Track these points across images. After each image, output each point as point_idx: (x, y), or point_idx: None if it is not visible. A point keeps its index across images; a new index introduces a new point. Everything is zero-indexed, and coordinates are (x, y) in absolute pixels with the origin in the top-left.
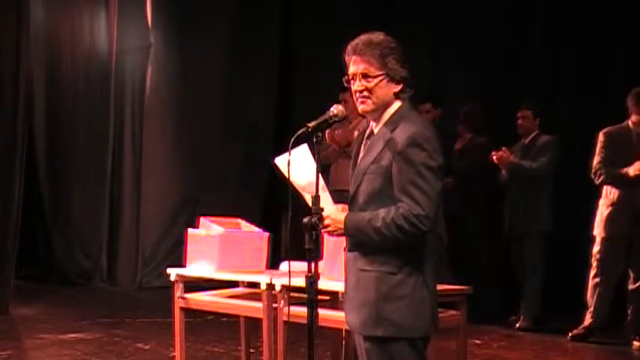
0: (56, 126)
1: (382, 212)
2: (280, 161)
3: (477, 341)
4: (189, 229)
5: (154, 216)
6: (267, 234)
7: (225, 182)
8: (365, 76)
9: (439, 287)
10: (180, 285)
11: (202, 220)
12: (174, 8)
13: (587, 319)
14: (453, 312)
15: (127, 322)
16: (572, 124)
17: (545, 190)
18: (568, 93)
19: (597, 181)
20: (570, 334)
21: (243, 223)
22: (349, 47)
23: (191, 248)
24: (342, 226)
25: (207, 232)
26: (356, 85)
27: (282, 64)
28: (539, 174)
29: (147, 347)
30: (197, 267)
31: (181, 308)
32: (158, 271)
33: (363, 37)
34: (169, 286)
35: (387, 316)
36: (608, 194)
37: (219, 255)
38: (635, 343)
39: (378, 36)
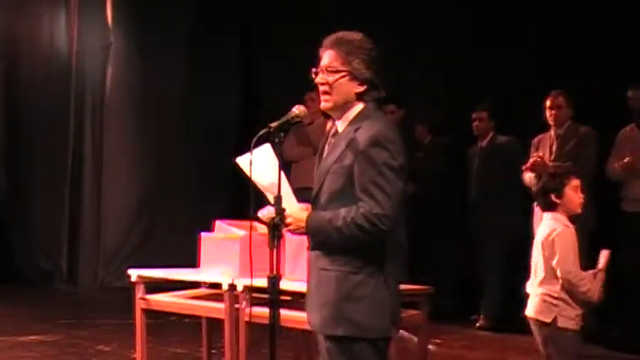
0: (15, 126)
1: (343, 211)
2: (242, 161)
3: (438, 341)
4: (203, 233)
5: (114, 216)
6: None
7: (188, 182)
8: (328, 70)
9: (401, 287)
10: (142, 286)
11: (218, 223)
12: (134, 7)
13: None
14: (414, 312)
15: (88, 323)
16: (530, 125)
17: (511, 191)
18: (529, 93)
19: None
20: None
21: (258, 225)
22: (324, 41)
23: (205, 252)
24: (303, 224)
25: (225, 235)
26: (318, 77)
27: (245, 63)
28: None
29: (108, 349)
30: (215, 271)
31: (143, 309)
32: (119, 272)
33: (339, 33)
34: (131, 287)
35: (348, 315)
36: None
37: (240, 258)
38: None
39: (353, 35)
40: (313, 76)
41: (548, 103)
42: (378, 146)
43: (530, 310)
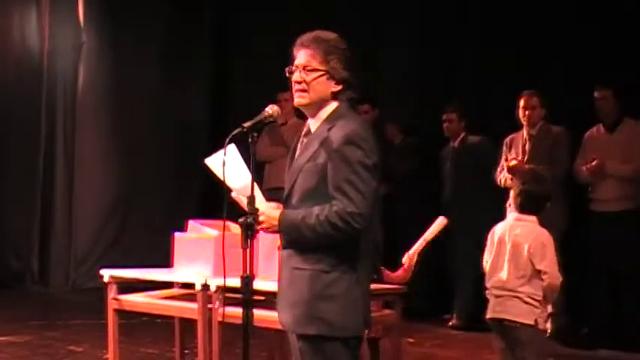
0: None
1: (316, 210)
2: (211, 162)
3: (411, 340)
4: (177, 233)
5: (86, 216)
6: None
7: (160, 182)
8: (306, 68)
9: (374, 286)
10: (114, 286)
11: (191, 223)
12: (106, 6)
13: None
14: (387, 311)
15: (60, 324)
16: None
17: (484, 191)
18: (501, 93)
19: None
20: None
21: (231, 225)
22: (298, 40)
23: (179, 252)
24: (276, 222)
25: (199, 235)
26: (295, 76)
27: (218, 63)
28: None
29: (80, 349)
30: (188, 271)
31: (115, 310)
32: (92, 272)
33: (315, 32)
34: (103, 287)
35: (320, 314)
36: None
37: (213, 258)
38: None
39: (328, 34)
40: (287, 74)
41: (521, 102)
42: (352, 145)
43: (511, 313)
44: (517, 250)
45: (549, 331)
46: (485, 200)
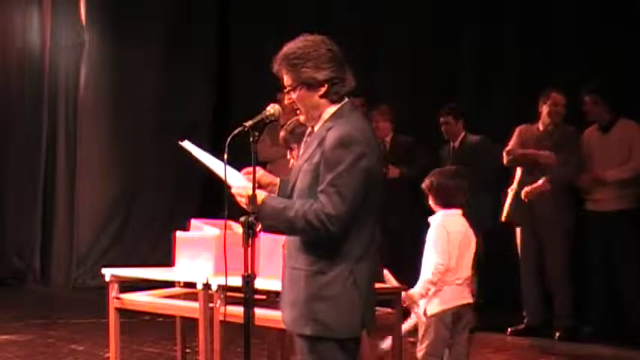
0: None
1: (298, 204)
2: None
3: (412, 339)
4: (178, 232)
5: (88, 215)
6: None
7: (161, 182)
8: (288, 89)
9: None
10: (115, 285)
11: (194, 221)
12: (108, 5)
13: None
14: (388, 310)
15: (61, 323)
16: (504, 123)
17: (486, 189)
18: (500, 92)
19: (505, 163)
20: (510, 330)
21: (234, 225)
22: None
23: (180, 251)
24: (256, 204)
25: (200, 234)
26: (286, 97)
27: (220, 63)
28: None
29: (81, 348)
30: (189, 270)
31: (116, 309)
32: (93, 272)
33: (283, 49)
34: (105, 286)
35: (315, 315)
36: (513, 181)
37: (215, 257)
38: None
39: (295, 44)
40: (284, 91)
41: (545, 98)
42: (342, 147)
43: (469, 297)
44: (469, 244)
45: (557, 334)
46: (486, 199)
